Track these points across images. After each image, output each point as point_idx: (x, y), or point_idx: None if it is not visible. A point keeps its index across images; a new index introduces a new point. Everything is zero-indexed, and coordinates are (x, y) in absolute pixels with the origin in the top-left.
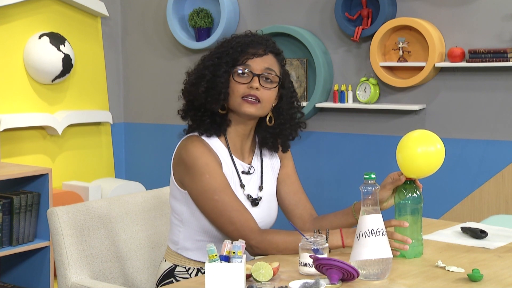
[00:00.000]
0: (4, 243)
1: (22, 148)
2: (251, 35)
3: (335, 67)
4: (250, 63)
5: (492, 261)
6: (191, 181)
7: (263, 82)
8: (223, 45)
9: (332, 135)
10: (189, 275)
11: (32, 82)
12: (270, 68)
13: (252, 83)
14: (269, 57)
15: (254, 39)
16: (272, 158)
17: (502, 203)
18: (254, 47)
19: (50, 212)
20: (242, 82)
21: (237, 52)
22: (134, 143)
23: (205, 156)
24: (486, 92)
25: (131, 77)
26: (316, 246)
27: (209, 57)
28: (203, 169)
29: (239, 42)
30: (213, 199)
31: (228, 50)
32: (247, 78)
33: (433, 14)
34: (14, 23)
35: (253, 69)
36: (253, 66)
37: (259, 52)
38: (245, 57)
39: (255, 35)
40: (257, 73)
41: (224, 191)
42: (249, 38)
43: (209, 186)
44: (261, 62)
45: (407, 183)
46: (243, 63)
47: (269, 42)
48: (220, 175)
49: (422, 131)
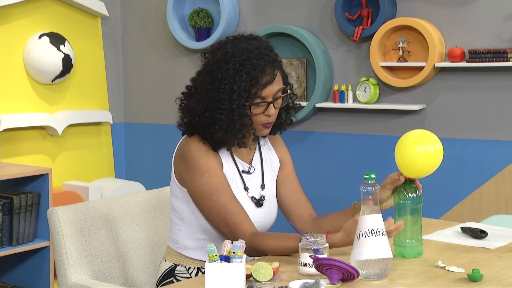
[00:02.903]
0: (4, 243)
1: (22, 148)
2: (255, 51)
3: (335, 67)
4: (264, 94)
5: (492, 261)
6: (191, 179)
7: (276, 104)
8: (230, 66)
9: (332, 135)
10: (189, 274)
11: (32, 82)
12: (279, 88)
13: (269, 111)
14: (277, 78)
15: (260, 57)
16: (272, 158)
17: (502, 203)
18: (264, 73)
19: (50, 212)
20: (258, 112)
21: (250, 85)
22: (134, 143)
23: (206, 155)
24: (486, 92)
25: (131, 77)
26: (316, 246)
27: (217, 84)
28: (203, 168)
29: (248, 70)
30: (210, 199)
31: (237, 79)
32: (262, 107)
33: (433, 14)
34: (14, 23)
35: (267, 98)
36: (266, 95)
37: (270, 80)
38: (259, 88)
39: (259, 49)
40: (271, 101)
41: (222, 191)
42: (256, 55)
43: (207, 186)
44: (272, 88)
45: (407, 183)
46: (258, 96)
47: (273, 57)
48: (219, 175)
49: (420, 131)
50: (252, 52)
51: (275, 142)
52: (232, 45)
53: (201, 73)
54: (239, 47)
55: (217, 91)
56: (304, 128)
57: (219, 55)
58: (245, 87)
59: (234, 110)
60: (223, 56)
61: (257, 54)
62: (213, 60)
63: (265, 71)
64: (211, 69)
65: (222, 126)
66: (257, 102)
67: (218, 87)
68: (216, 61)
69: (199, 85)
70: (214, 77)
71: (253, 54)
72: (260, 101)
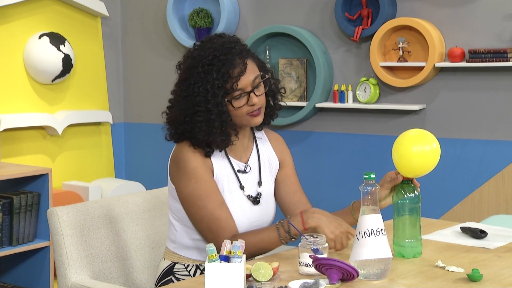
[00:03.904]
0: (4, 243)
1: (22, 148)
2: (221, 49)
3: (335, 67)
4: (240, 86)
5: (492, 261)
6: (179, 184)
7: (257, 92)
8: (200, 69)
9: (332, 135)
10: (188, 272)
11: (32, 82)
12: (255, 76)
13: (251, 100)
14: (249, 65)
15: (227, 52)
16: (270, 157)
17: (502, 203)
18: (234, 65)
19: (50, 212)
20: (241, 105)
21: (223, 80)
22: (134, 143)
23: (195, 160)
24: (486, 92)
25: (131, 77)
26: (315, 246)
27: (191, 89)
28: (191, 173)
29: (218, 67)
30: (196, 205)
31: (209, 79)
32: (243, 99)
33: (433, 14)
34: (14, 23)
35: (245, 89)
36: (243, 86)
37: (242, 70)
38: (233, 81)
39: (224, 44)
40: (250, 90)
41: (208, 198)
42: (222, 52)
43: (193, 192)
44: (247, 77)
45: (405, 182)
46: (235, 89)
47: (240, 48)
48: (206, 182)
49: (417, 130)
50: (217, 50)
51: (275, 142)
52: (198, 49)
53: (177, 84)
54: (204, 49)
55: (192, 96)
56: (304, 128)
57: (188, 62)
58: (219, 85)
59: (210, 109)
60: (191, 61)
61: (223, 50)
62: (184, 68)
63: (234, 64)
64: (183, 77)
65: (201, 127)
66: (237, 95)
67: (192, 92)
68: (187, 68)
69: (176, 95)
70: (187, 84)
71: (219, 52)
72: (240, 93)
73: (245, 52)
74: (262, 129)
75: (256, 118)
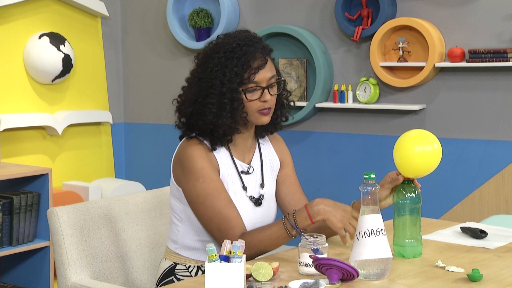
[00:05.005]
0: (4, 243)
1: (22, 148)
2: (245, 40)
3: (335, 67)
4: (257, 79)
5: (492, 261)
6: (186, 183)
7: (271, 91)
8: (221, 54)
9: (332, 135)
10: (189, 273)
11: (32, 82)
12: (272, 75)
13: (264, 97)
14: (268, 64)
15: (250, 44)
16: (272, 158)
17: (502, 203)
18: (255, 58)
19: (50, 212)
20: (254, 98)
21: (242, 69)
22: (134, 143)
23: (202, 160)
24: (486, 92)
25: (131, 77)
26: (316, 246)
27: (209, 71)
28: (198, 173)
29: (239, 55)
30: (204, 204)
31: (228, 64)
32: (257, 93)
33: (433, 14)
34: (14, 23)
35: (260, 83)
36: (260, 80)
37: (261, 64)
38: (251, 72)
39: (248, 37)
40: (265, 86)
41: (216, 197)
42: (246, 42)
43: (202, 191)
44: (265, 73)
45: (406, 183)
46: (251, 80)
47: (263, 45)
48: (214, 181)
49: (419, 131)
50: (241, 40)
51: (276, 142)
52: (222, 38)
53: (193, 70)
54: (228, 38)
55: (208, 78)
56: (304, 128)
57: (210, 47)
58: (237, 72)
59: (224, 93)
60: (213, 47)
61: (247, 42)
62: (204, 53)
63: (256, 56)
64: (202, 61)
65: (212, 109)
66: (252, 88)
67: (210, 74)
68: (207, 53)
69: (191, 78)
70: (205, 67)
71: (243, 42)
72: (255, 86)
73: (267, 49)
74: (265, 136)
75: (264, 117)
